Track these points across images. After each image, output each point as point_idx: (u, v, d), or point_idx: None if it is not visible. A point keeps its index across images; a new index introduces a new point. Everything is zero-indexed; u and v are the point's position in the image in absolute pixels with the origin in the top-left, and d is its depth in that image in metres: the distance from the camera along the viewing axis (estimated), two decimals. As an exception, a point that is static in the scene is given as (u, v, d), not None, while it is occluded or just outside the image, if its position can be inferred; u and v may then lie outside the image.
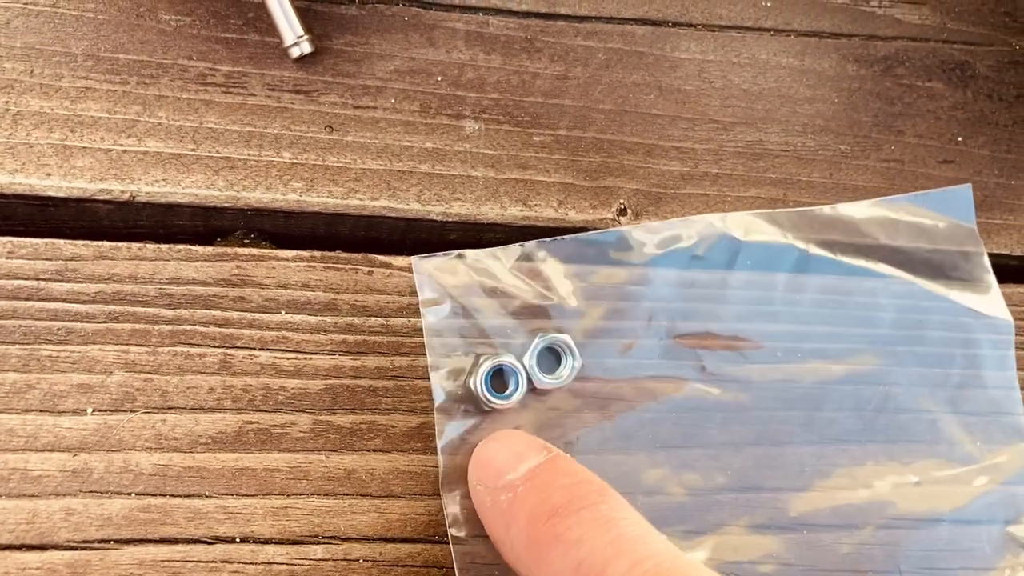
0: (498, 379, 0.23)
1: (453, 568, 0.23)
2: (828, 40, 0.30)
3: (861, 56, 0.30)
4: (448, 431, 0.23)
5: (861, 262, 0.27)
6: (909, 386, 0.27)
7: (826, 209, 0.27)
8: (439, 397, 0.23)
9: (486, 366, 0.23)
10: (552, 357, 0.24)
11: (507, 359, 0.23)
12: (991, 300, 0.28)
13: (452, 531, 0.23)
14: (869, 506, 0.26)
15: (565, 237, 0.25)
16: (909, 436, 0.27)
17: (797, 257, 0.27)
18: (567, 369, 0.24)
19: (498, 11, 0.27)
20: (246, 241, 0.25)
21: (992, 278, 0.28)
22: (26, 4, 0.24)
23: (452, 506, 0.23)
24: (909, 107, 0.30)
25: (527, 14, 0.28)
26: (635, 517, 0.19)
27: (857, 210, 0.28)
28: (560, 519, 0.18)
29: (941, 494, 0.27)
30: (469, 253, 0.24)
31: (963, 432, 0.27)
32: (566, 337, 0.24)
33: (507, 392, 0.23)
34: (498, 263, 0.24)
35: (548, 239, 0.25)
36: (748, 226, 0.26)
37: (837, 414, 0.27)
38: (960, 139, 0.30)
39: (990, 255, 0.28)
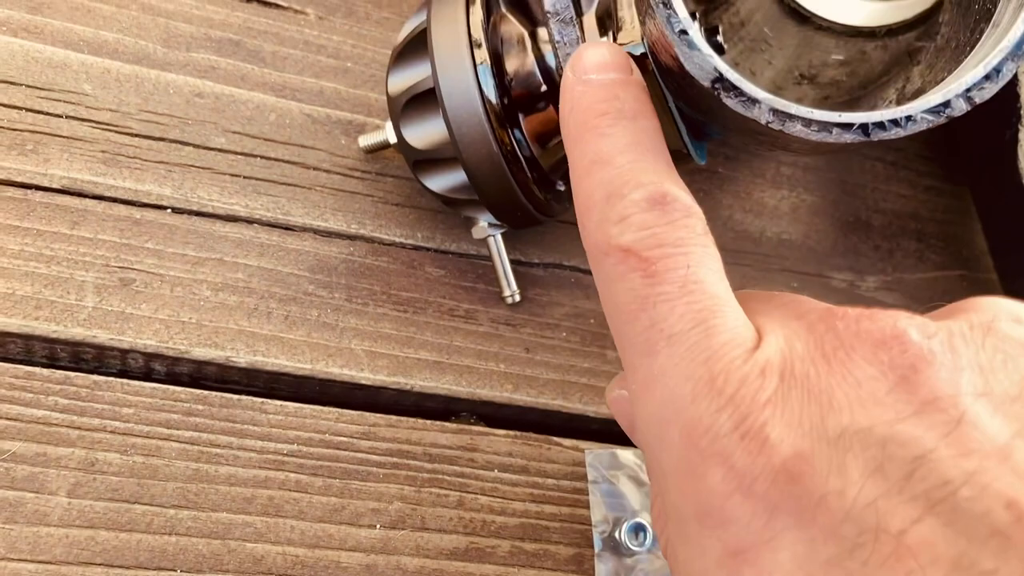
0: (638, 532, 0.36)
1: (595, 652, 0.35)
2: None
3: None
4: (600, 564, 0.36)
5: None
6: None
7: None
8: (597, 544, 0.36)
9: (629, 523, 0.36)
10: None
11: (645, 518, 0.36)
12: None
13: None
14: None
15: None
16: None
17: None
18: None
19: (629, 277, 0.42)
20: (471, 420, 0.38)
21: None
22: (349, 255, 0.38)
23: (599, 609, 0.35)
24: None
25: (647, 280, 0.42)
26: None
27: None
28: (604, 117, 0.25)
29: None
30: (620, 451, 0.37)
31: None
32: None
33: (640, 542, 0.36)
34: (636, 456, 0.38)
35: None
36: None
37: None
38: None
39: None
